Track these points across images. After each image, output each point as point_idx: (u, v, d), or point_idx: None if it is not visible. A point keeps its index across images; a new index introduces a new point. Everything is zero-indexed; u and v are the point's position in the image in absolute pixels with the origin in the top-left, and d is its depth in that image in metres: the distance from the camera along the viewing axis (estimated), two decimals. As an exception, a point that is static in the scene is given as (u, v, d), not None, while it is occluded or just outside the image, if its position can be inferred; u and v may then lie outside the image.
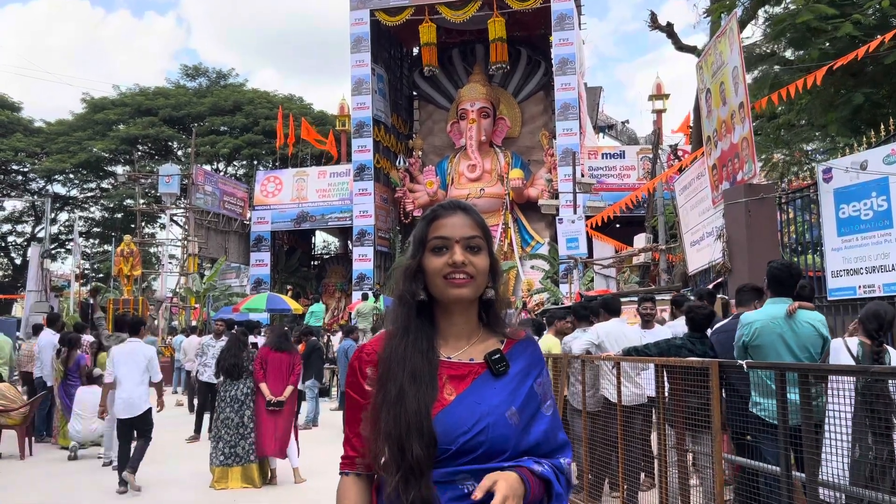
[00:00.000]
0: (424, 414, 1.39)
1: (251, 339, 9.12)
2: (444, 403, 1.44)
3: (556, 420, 1.54)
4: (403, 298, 1.53)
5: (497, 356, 1.50)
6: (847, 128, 11.39)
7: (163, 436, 9.16)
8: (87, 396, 8.88)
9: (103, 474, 7.91)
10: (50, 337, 10.36)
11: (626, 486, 5.42)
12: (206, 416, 9.89)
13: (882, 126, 8.54)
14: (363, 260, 24.46)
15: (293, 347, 7.65)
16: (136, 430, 7.00)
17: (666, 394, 4.65)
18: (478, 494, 1.32)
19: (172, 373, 16.77)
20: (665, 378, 4.65)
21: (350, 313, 20.87)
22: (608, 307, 6.55)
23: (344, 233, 28.72)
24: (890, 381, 3.50)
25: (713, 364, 4.04)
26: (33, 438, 9.54)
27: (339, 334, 15.56)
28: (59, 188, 38.93)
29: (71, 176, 38.06)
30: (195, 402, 11.52)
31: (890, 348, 4.30)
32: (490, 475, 1.35)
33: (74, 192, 39.86)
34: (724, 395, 4.22)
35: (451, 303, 1.51)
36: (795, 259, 10.21)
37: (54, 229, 37.61)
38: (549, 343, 7.22)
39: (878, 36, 9.13)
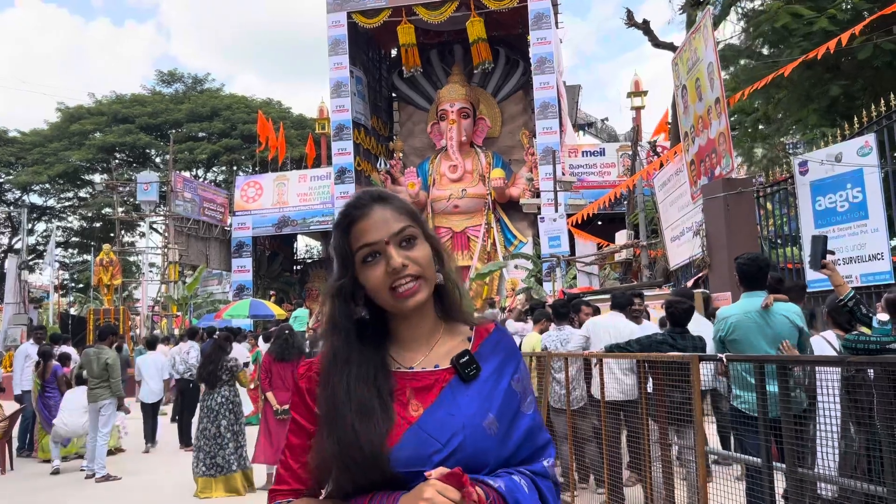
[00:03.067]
0: (378, 452, 1.22)
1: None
2: (411, 421, 1.25)
3: (538, 417, 1.37)
4: (337, 324, 1.32)
5: (465, 359, 1.31)
6: (824, 120, 11.55)
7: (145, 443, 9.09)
8: (76, 395, 8.82)
9: (86, 487, 7.82)
10: (29, 349, 10.26)
11: (610, 482, 5.44)
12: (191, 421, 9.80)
13: (856, 118, 8.64)
14: (346, 263, 24.36)
15: (296, 355, 7.46)
16: (153, 410, 10.21)
17: (649, 389, 4.67)
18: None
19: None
20: (647, 373, 4.67)
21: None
22: (615, 301, 6.48)
23: (326, 237, 28.59)
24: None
25: (693, 358, 4.06)
26: (14, 453, 9.40)
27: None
28: (35, 198, 38.47)
29: (48, 186, 37.59)
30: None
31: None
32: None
33: (52, 202, 39.40)
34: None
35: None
36: (774, 252, 10.32)
37: (32, 240, 37.15)
38: (533, 341, 7.20)
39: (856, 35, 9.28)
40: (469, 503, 1.15)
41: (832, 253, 4.68)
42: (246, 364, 9.15)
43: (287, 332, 7.69)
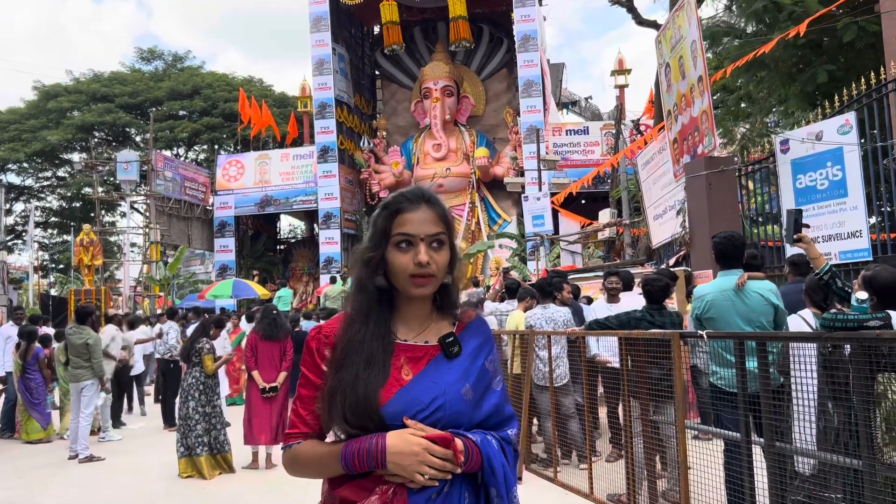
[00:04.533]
0: (372, 398, 1.48)
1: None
2: (403, 383, 1.53)
3: (505, 394, 1.66)
4: (365, 287, 1.59)
5: (450, 339, 1.59)
6: (805, 100, 11.59)
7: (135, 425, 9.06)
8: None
9: (70, 468, 7.80)
10: (10, 330, 10.20)
11: (593, 458, 5.50)
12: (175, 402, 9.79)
13: (836, 97, 8.69)
14: (330, 243, 24.27)
15: (284, 334, 7.45)
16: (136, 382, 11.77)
17: (629, 366, 4.71)
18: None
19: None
20: (626, 350, 4.71)
21: (318, 297, 20.75)
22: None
23: (309, 216, 28.42)
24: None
25: (674, 335, 4.10)
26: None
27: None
28: (12, 178, 37.81)
29: (25, 165, 36.94)
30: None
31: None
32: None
33: (30, 182, 38.74)
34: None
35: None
36: (756, 230, 10.40)
37: (10, 220, 36.59)
38: (517, 319, 7.23)
39: (839, 11, 9.30)
40: (456, 462, 1.46)
41: (807, 226, 4.70)
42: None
43: (274, 311, 7.67)
